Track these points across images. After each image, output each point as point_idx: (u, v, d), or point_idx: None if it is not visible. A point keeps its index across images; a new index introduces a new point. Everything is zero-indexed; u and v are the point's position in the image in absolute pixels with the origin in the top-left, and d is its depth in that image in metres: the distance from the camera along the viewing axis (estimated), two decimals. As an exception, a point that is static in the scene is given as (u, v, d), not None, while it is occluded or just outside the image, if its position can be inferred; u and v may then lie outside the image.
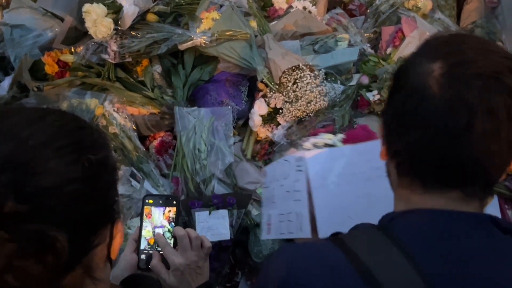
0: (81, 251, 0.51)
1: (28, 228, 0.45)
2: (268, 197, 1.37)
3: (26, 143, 0.48)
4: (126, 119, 1.81)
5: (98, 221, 0.53)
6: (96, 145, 0.55)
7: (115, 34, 1.74)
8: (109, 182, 0.55)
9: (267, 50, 1.77)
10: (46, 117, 0.52)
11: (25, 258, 0.44)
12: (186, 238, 0.97)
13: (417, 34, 1.88)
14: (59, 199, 0.47)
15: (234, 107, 1.82)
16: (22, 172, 0.46)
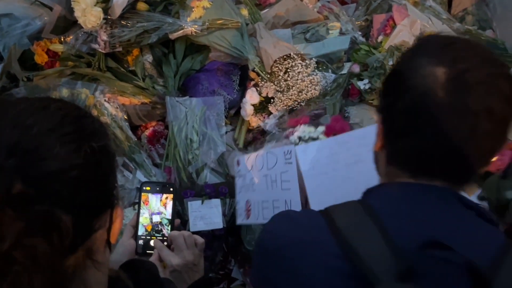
0: (83, 234, 0.53)
1: (35, 209, 0.47)
2: (245, 185, 1.48)
3: (31, 130, 0.50)
4: (118, 109, 1.80)
5: (99, 206, 0.56)
6: (97, 133, 0.57)
7: (105, 24, 1.72)
8: (109, 168, 0.58)
9: (259, 39, 1.77)
10: (50, 106, 0.54)
11: (33, 236, 0.46)
12: (180, 238, 1.00)
13: (408, 22, 1.88)
14: (63, 183, 0.50)
15: (226, 96, 1.81)
16: (28, 158, 0.48)
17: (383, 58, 1.70)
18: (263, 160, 1.46)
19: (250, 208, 1.46)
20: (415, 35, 1.86)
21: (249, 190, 1.47)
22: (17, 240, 0.46)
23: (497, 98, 0.65)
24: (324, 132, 1.45)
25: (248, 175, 1.49)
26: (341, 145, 1.37)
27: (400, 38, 1.83)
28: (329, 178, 1.33)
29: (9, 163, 0.47)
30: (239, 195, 1.51)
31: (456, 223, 0.67)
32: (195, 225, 1.55)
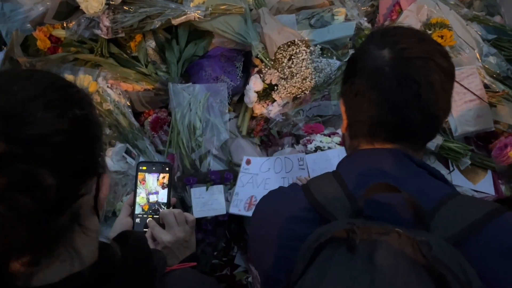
0: (68, 197, 0.55)
1: (18, 167, 0.49)
2: (253, 182, 1.58)
3: (15, 96, 0.52)
4: (120, 95, 1.79)
5: (84, 171, 0.58)
6: (82, 101, 0.59)
7: (107, 9, 1.70)
8: (94, 136, 0.60)
9: (263, 24, 1.74)
10: (34, 75, 0.57)
11: (15, 191, 0.49)
12: (170, 215, 1.02)
13: (415, 7, 1.85)
14: (47, 147, 0.52)
15: (229, 83, 1.80)
16: (12, 122, 0.50)
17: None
18: (281, 164, 1.58)
19: (255, 203, 1.53)
20: (421, 20, 1.83)
21: (258, 187, 1.57)
22: (0, 194, 0.48)
23: (436, 71, 0.76)
24: (340, 142, 1.56)
25: (261, 175, 1.60)
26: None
27: (406, 24, 1.79)
28: None
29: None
30: (241, 188, 1.57)
31: (405, 175, 0.77)
32: (199, 211, 1.56)
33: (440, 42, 1.75)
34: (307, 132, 1.64)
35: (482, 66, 1.81)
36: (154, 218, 1.04)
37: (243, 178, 1.59)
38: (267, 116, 1.76)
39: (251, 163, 1.61)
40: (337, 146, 1.54)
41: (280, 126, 1.73)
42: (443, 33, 1.76)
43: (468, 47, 1.87)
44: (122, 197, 1.58)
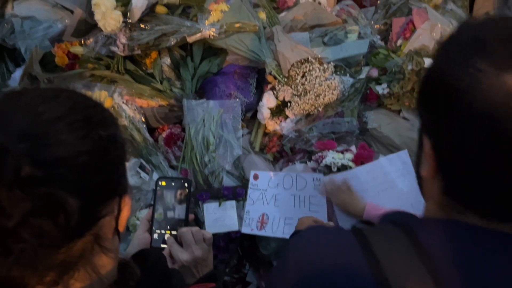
0: (90, 219, 0.55)
1: (42, 190, 0.49)
2: (263, 199, 1.57)
3: (41, 117, 0.52)
4: (135, 111, 1.82)
5: (106, 192, 0.57)
6: (106, 122, 0.59)
7: (124, 27, 1.74)
8: (117, 157, 0.59)
9: (276, 42, 1.76)
10: (60, 95, 0.57)
11: (39, 216, 0.48)
12: (188, 233, 1.01)
13: (428, 25, 1.85)
14: (70, 168, 0.51)
15: (243, 99, 1.81)
16: (37, 143, 0.50)
17: (402, 63, 1.68)
18: (292, 181, 1.57)
19: (267, 221, 1.53)
20: (435, 38, 1.83)
21: (268, 204, 1.55)
22: (23, 219, 0.48)
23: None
24: (352, 159, 1.54)
25: (270, 191, 1.58)
26: (369, 174, 1.47)
27: (420, 42, 1.80)
28: None
29: (19, 147, 0.49)
30: (251, 206, 1.56)
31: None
32: (211, 227, 1.55)
33: (454, 60, 1.75)
34: (320, 149, 1.63)
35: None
36: (172, 235, 1.04)
37: (252, 195, 1.58)
38: (280, 133, 1.77)
39: (259, 178, 1.60)
40: (349, 163, 1.53)
41: (293, 142, 1.73)
42: (457, 51, 1.76)
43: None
44: (135, 212, 1.59)
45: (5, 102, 0.55)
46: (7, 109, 0.53)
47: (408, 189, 1.44)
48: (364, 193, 1.43)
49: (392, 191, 1.45)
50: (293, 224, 1.51)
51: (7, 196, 0.47)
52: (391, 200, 1.42)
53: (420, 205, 1.42)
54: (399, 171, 1.47)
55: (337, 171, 1.53)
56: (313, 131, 1.71)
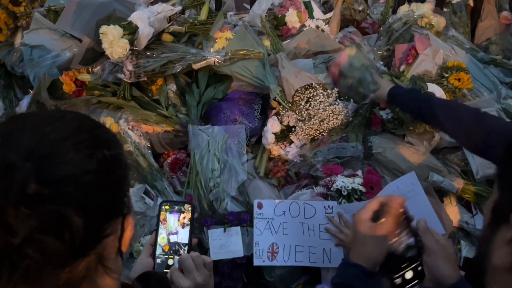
0: (94, 238, 0.55)
1: (48, 208, 0.50)
2: (270, 228, 1.54)
3: (48, 137, 0.54)
4: (141, 137, 1.83)
5: (110, 211, 0.58)
6: (110, 142, 0.60)
7: (131, 54, 1.77)
8: (121, 176, 0.60)
9: (280, 68, 1.78)
10: (66, 116, 0.59)
11: (45, 233, 0.49)
12: (189, 259, 1.00)
13: (431, 51, 1.87)
14: (75, 187, 0.52)
15: (247, 124, 1.82)
16: (44, 162, 0.51)
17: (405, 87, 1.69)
18: (299, 209, 1.53)
19: (277, 250, 1.50)
20: (438, 64, 1.85)
21: (276, 233, 1.53)
22: (29, 236, 0.49)
23: None
24: (361, 183, 1.54)
25: (276, 219, 1.55)
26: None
27: (422, 68, 1.82)
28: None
29: (26, 165, 0.50)
30: (259, 236, 1.52)
31: None
32: (216, 253, 1.54)
33: (458, 86, 1.76)
34: (326, 174, 1.62)
35: (501, 109, 1.80)
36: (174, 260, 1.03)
37: (259, 225, 1.54)
38: (284, 157, 1.77)
39: (264, 207, 1.57)
40: (360, 187, 1.52)
41: (298, 167, 1.73)
42: (460, 76, 1.77)
43: (486, 90, 1.88)
44: (140, 238, 1.58)
45: (13, 122, 0.56)
46: (15, 129, 0.54)
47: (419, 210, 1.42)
48: None
49: None
50: (305, 251, 1.49)
51: (13, 213, 0.48)
52: None
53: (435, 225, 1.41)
54: (409, 193, 1.45)
55: (346, 195, 1.52)
56: (318, 156, 1.71)
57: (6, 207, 0.48)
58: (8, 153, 0.51)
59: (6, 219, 0.48)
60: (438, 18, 2.08)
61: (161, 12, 1.82)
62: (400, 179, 1.49)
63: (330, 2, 2.45)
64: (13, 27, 2.40)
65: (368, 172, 1.58)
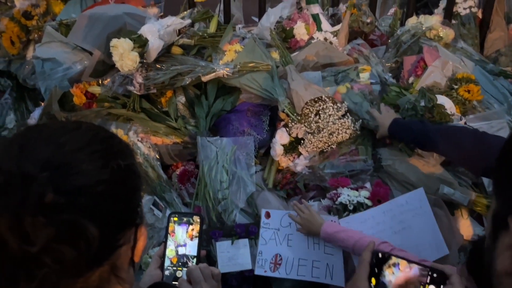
0: (108, 248, 0.56)
1: (64, 217, 0.50)
2: (275, 239, 1.53)
3: (63, 148, 0.55)
4: (150, 148, 1.84)
5: (124, 221, 0.58)
6: (124, 152, 0.61)
7: (141, 67, 1.79)
8: (134, 186, 0.61)
9: (289, 80, 1.79)
10: (80, 127, 0.60)
11: (61, 242, 0.50)
12: (197, 271, 1.00)
13: (440, 63, 1.87)
14: (90, 196, 0.53)
15: (256, 136, 1.83)
16: (59, 172, 0.52)
17: (414, 99, 1.69)
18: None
19: (280, 262, 1.49)
20: (447, 76, 1.84)
21: (281, 244, 1.52)
22: (46, 245, 0.49)
23: None
24: (368, 197, 1.52)
25: (282, 230, 1.54)
26: (386, 214, 1.44)
27: (432, 79, 1.82)
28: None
29: (43, 175, 0.51)
30: (264, 246, 1.52)
31: None
32: (224, 266, 1.53)
33: (467, 97, 1.76)
34: (333, 186, 1.62)
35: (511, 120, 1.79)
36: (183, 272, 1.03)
37: (264, 235, 1.54)
38: (293, 169, 1.76)
39: (271, 217, 1.56)
40: (366, 200, 1.51)
41: (307, 179, 1.72)
42: (470, 88, 1.77)
43: (496, 101, 1.86)
44: (148, 250, 1.58)
45: (29, 133, 0.57)
46: (31, 140, 0.55)
47: (425, 229, 1.41)
48: (380, 234, 1.39)
49: (409, 231, 1.42)
50: (308, 265, 1.47)
51: (31, 222, 0.49)
52: (408, 240, 1.39)
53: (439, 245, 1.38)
54: (416, 210, 1.44)
55: (352, 209, 1.51)
56: (327, 167, 1.70)
57: (23, 216, 0.49)
58: (25, 164, 0.52)
59: (24, 228, 0.48)
60: (446, 30, 2.08)
61: (171, 25, 1.84)
62: (408, 194, 1.48)
63: (338, 14, 2.46)
64: (25, 41, 2.44)
65: (376, 185, 1.57)
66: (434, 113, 1.63)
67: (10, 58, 2.47)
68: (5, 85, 2.55)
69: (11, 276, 0.50)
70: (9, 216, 0.49)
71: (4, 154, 0.54)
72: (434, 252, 1.36)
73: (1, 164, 0.52)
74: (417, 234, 1.41)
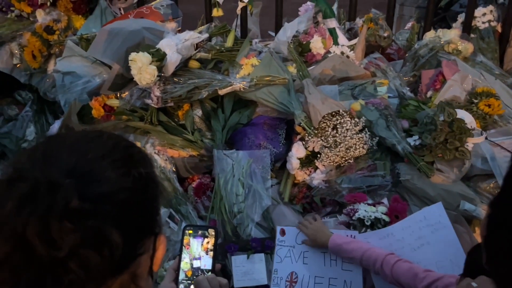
0: (130, 255, 0.56)
1: (90, 223, 0.51)
2: (291, 256, 1.50)
3: (86, 156, 0.56)
4: (167, 161, 1.85)
5: (144, 229, 0.59)
6: (145, 161, 0.62)
7: (159, 80, 1.81)
8: (154, 194, 0.61)
9: (306, 94, 1.79)
10: (102, 136, 0.61)
11: (87, 248, 0.50)
12: (204, 281, 0.99)
13: (459, 77, 1.85)
14: (113, 203, 0.54)
15: (272, 149, 1.82)
16: (83, 179, 0.53)
17: (433, 114, 1.66)
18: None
19: (296, 280, 1.47)
20: (466, 90, 1.82)
21: (297, 262, 1.49)
22: (73, 250, 0.50)
23: None
24: (386, 212, 1.49)
25: (298, 247, 1.52)
26: (404, 231, 1.41)
27: (451, 93, 1.79)
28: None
29: (68, 182, 0.52)
30: (279, 264, 1.50)
31: None
32: (239, 280, 1.51)
33: (488, 112, 1.72)
34: (349, 201, 1.59)
35: (534, 135, 1.74)
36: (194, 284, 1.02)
37: (280, 252, 1.52)
38: (309, 183, 1.75)
39: (286, 234, 1.55)
40: (383, 216, 1.48)
41: (323, 193, 1.70)
42: (490, 102, 1.74)
43: (517, 116, 1.83)
44: (163, 263, 1.57)
45: (52, 142, 0.59)
46: (55, 148, 0.56)
47: (445, 244, 1.38)
48: (400, 251, 1.36)
49: (429, 247, 1.38)
50: (325, 283, 1.45)
51: (57, 228, 0.49)
52: (428, 256, 1.35)
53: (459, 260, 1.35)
54: (435, 225, 1.41)
55: (370, 225, 1.48)
56: (344, 182, 1.68)
57: (50, 222, 0.49)
58: (50, 171, 0.52)
59: (50, 233, 0.49)
60: (465, 44, 2.06)
61: (189, 39, 1.86)
62: (426, 209, 1.44)
63: (355, 28, 2.46)
64: (46, 55, 2.49)
65: (393, 200, 1.54)
66: (453, 128, 1.60)
67: (31, 71, 2.52)
68: (26, 98, 2.60)
69: (38, 281, 0.50)
70: (37, 222, 0.49)
71: (28, 162, 0.54)
72: (455, 268, 1.32)
73: (27, 172, 0.52)
74: (436, 250, 1.37)
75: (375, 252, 1.33)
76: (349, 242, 1.39)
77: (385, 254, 1.31)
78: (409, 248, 1.38)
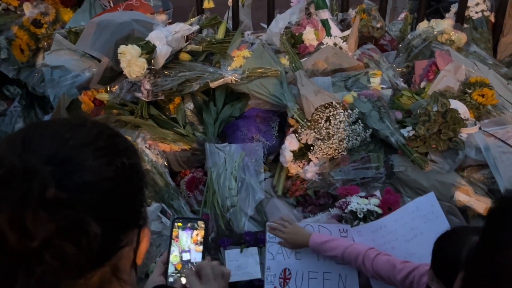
0: (110, 247, 0.54)
1: (66, 213, 0.49)
2: (283, 253, 1.48)
3: (68, 143, 0.54)
4: (158, 155, 1.82)
5: (127, 221, 0.57)
6: (129, 151, 0.60)
7: (149, 73, 1.78)
8: (138, 185, 0.59)
9: (299, 86, 1.77)
10: (85, 123, 0.58)
11: (62, 238, 0.49)
12: (208, 267, 0.98)
13: (452, 67, 1.84)
14: (94, 193, 0.52)
15: (265, 142, 1.80)
16: (63, 167, 0.51)
17: (427, 104, 1.65)
18: (314, 231, 1.47)
19: (290, 277, 1.46)
20: (460, 80, 1.81)
21: (289, 258, 1.48)
22: (47, 240, 0.48)
23: None
24: (378, 204, 1.48)
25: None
26: (397, 222, 1.41)
27: (444, 84, 1.78)
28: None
29: (46, 170, 0.50)
30: (271, 261, 1.48)
31: None
32: (233, 275, 1.49)
33: (481, 102, 1.71)
34: (342, 194, 1.58)
35: (527, 125, 1.74)
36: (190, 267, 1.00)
37: (271, 249, 1.49)
38: (303, 176, 1.73)
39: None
40: (376, 208, 1.47)
41: (317, 186, 1.69)
42: (484, 92, 1.73)
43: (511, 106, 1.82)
44: (155, 258, 1.55)
45: (33, 129, 0.56)
46: (36, 135, 0.54)
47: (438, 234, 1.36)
48: (394, 243, 1.36)
49: (422, 238, 1.38)
50: (319, 277, 1.44)
51: (31, 217, 0.48)
52: (422, 247, 1.34)
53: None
54: (428, 215, 1.40)
55: (362, 217, 1.47)
56: (338, 174, 1.66)
57: (24, 210, 0.48)
58: (29, 157, 0.51)
59: (24, 222, 0.47)
60: (458, 33, 2.05)
61: (179, 31, 1.83)
62: (418, 199, 1.44)
63: (347, 19, 2.44)
64: (34, 49, 2.45)
65: (386, 192, 1.53)
66: (447, 118, 1.59)
67: (19, 66, 2.48)
68: (14, 93, 2.56)
69: (10, 271, 0.49)
70: (9, 210, 0.47)
71: (7, 147, 0.52)
72: None
73: (4, 158, 0.51)
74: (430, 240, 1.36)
75: (356, 249, 1.33)
76: (329, 241, 1.38)
77: (365, 250, 1.31)
78: (402, 239, 1.37)
